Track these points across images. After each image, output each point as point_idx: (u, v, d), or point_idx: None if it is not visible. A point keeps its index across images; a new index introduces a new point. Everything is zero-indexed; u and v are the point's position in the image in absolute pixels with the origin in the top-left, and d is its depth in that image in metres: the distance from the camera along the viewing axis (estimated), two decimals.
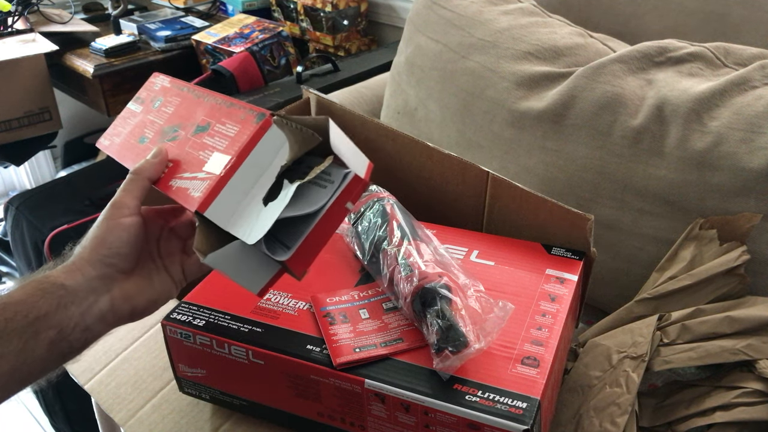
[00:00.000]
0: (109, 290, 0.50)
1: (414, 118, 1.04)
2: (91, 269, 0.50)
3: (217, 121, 0.52)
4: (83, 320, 0.48)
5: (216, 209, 0.47)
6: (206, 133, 0.52)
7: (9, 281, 2.00)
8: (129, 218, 0.51)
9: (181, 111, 0.57)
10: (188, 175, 0.50)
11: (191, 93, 0.58)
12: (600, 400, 0.63)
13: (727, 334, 0.64)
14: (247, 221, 0.46)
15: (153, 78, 0.66)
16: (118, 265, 0.51)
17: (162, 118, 0.59)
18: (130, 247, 0.51)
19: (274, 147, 0.48)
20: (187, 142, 0.53)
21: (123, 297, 0.51)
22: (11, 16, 1.67)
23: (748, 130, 0.72)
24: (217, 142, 0.50)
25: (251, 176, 0.48)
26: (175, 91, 0.60)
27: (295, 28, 1.70)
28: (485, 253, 0.68)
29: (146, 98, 0.64)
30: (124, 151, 0.60)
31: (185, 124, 0.55)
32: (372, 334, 0.58)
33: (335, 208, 0.48)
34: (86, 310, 0.49)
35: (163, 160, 0.54)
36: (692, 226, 0.73)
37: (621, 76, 0.82)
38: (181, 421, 0.68)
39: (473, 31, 0.95)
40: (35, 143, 1.66)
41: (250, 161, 0.47)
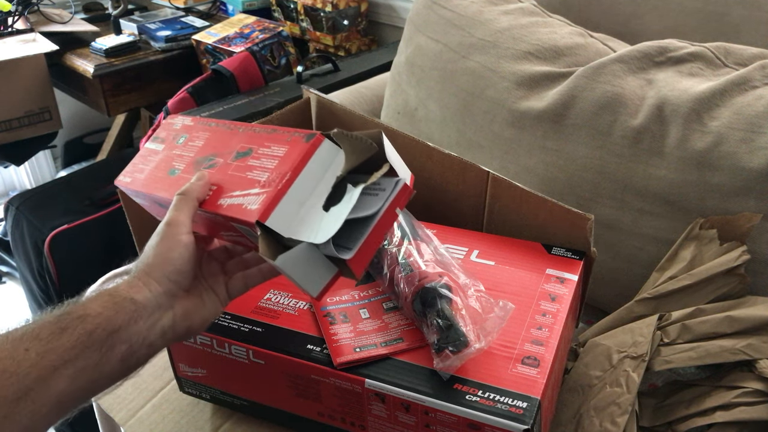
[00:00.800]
0: (172, 307, 0.51)
1: (414, 118, 1.04)
2: (157, 285, 0.50)
3: (260, 146, 0.54)
4: (149, 336, 0.49)
5: (276, 218, 0.48)
6: (249, 156, 0.54)
7: (10, 281, 2.00)
8: (186, 236, 0.51)
9: (214, 142, 0.59)
10: (239, 193, 0.52)
11: (222, 127, 0.60)
12: (600, 400, 0.63)
13: (727, 333, 0.64)
14: (310, 226, 0.49)
15: (170, 119, 0.67)
16: (181, 282, 0.51)
17: (191, 152, 0.60)
18: (190, 265, 0.52)
19: (327, 161, 0.50)
20: (229, 167, 0.55)
21: (183, 315, 0.51)
22: (11, 16, 1.67)
23: (748, 130, 0.72)
24: (265, 162, 0.52)
25: (306, 188, 0.50)
26: (202, 127, 0.62)
27: (295, 28, 1.70)
28: (485, 253, 0.68)
29: (167, 137, 0.64)
30: (153, 183, 0.60)
31: (222, 153, 0.57)
32: (372, 334, 0.58)
33: (387, 212, 0.51)
34: (152, 326, 0.49)
35: (207, 182, 0.54)
36: (692, 226, 0.73)
37: (621, 76, 0.82)
38: (182, 420, 0.69)
39: (473, 31, 0.95)
40: (35, 143, 1.66)
41: (306, 174, 0.50)
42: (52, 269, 1.30)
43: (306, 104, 0.89)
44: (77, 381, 0.44)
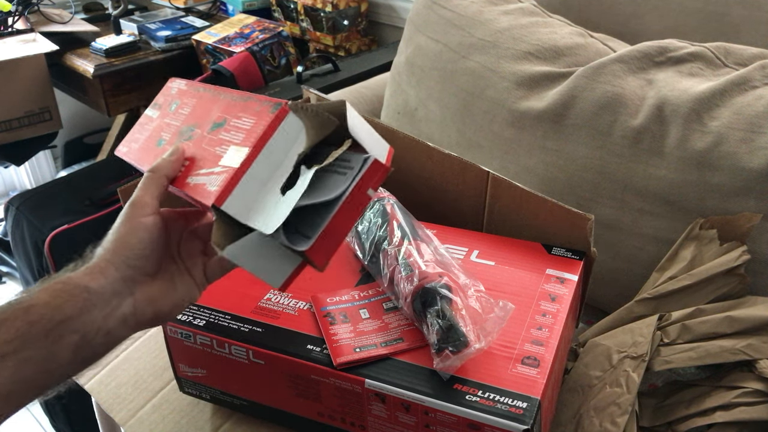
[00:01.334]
0: (132, 293, 0.49)
1: (414, 118, 1.04)
2: (114, 271, 0.48)
3: (233, 116, 0.51)
4: (106, 324, 0.47)
5: (233, 202, 0.45)
6: (222, 128, 0.51)
7: (10, 281, 2.00)
8: (149, 217, 0.49)
9: (198, 111, 0.56)
10: (205, 171, 0.49)
11: (208, 92, 0.57)
12: (600, 400, 0.63)
13: (727, 334, 0.64)
14: (265, 212, 0.45)
15: (169, 83, 0.65)
16: (141, 267, 0.49)
17: (179, 120, 0.58)
18: (152, 248, 0.49)
19: (292, 136, 0.47)
20: (204, 139, 0.52)
21: (146, 300, 0.49)
22: (11, 16, 1.67)
23: (748, 130, 0.72)
24: (234, 136, 0.49)
25: (269, 167, 0.46)
26: (192, 93, 0.59)
27: (295, 28, 1.70)
28: (485, 253, 0.68)
29: (163, 103, 0.63)
30: (142, 155, 0.59)
31: (202, 123, 0.55)
32: (372, 334, 0.58)
33: (356, 194, 0.46)
34: (109, 314, 0.47)
35: (179, 158, 0.52)
36: (692, 226, 0.73)
37: (621, 76, 0.82)
38: (182, 421, 0.69)
39: (473, 31, 0.95)
40: (35, 143, 1.66)
41: (267, 151, 0.46)
42: (52, 269, 1.30)
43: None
44: (21, 373, 0.43)
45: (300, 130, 0.47)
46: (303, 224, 0.46)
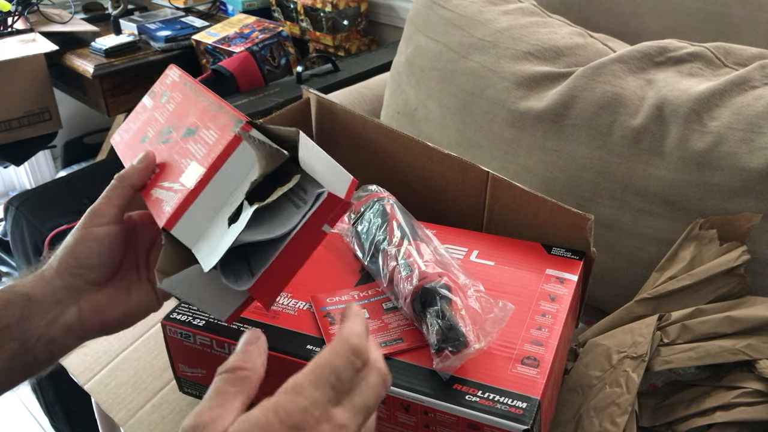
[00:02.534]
0: (77, 302, 0.47)
1: (414, 118, 1.04)
2: (58, 279, 0.47)
3: (204, 126, 0.49)
4: (48, 332, 0.46)
5: (183, 227, 0.43)
6: (192, 137, 0.49)
7: (10, 281, 2.00)
8: (103, 228, 0.48)
9: (179, 110, 0.55)
10: (167, 185, 0.47)
11: (191, 90, 0.56)
12: (600, 400, 0.63)
13: (727, 334, 0.64)
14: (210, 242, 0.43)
15: (168, 70, 0.64)
16: (87, 276, 0.48)
17: (164, 116, 0.57)
18: (102, 259, 0.48)
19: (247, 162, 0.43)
20: (176, 145, 0.51)
21: (92, 310, 0.48)
22: (11, 16, 1.67)
23: (748, 130, 0.72)
24: (198, 150, 0.47)
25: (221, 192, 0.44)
26: (180, 87, 0.58)
27: (295, 28, 1.70)
28: (485, 253, 0.68)
29: (157, 92, 0.62)
30: (127, 150, 0.58)
31: (179, 125, 0.53)
32: (372, 334, 0.58)
33: (308, 230, 0.42)
34: (51, 322, 0.46)
35: (148, 165, 0.51)
36: (692, 226, 0.73)
37: (621, 76, 0.82)
38: (181, 421, 0.68)
39: (473, 31, 0.95)
40: (35, 143, 1.66)
41: (221, 176, 0.43)
42: None
43: (306, 104, 0.89)
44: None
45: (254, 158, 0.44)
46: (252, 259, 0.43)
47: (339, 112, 0.86)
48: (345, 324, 0.38)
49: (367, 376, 0.37)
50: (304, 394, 0.34)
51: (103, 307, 0.49)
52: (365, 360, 0.37)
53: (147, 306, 0.51)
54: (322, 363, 0.35)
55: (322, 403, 0.34)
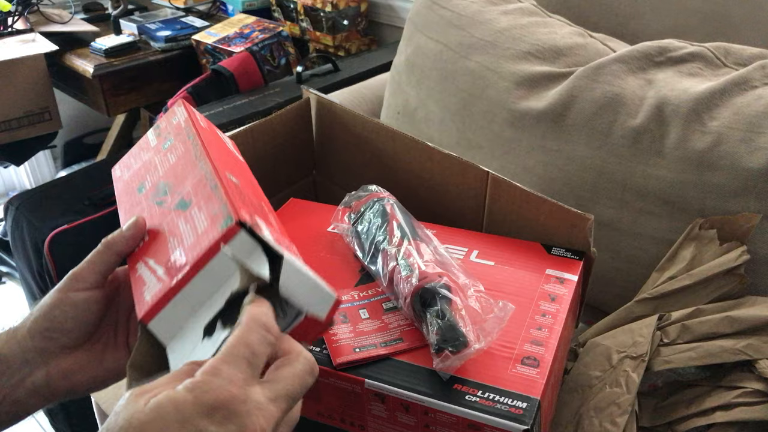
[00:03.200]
0: (47, 365, 0.46)
1: (414, 118, 1.04)
2: (29, 340, 0.46)
3: (196, 204, 0.47)
4: (13, 393, 0.45)
5: (160, 323, 0.42)
6: (184, 213, 0.48)
7: (10, 281, 2.00)
8: (82, 293, 0.47)
9: (178, 168, 0.53)
10: (152, 264, 0.46)
11: (193, 148, 0.54)
12: (600, 400, 0.63)
13: (727, 334, 0.64)
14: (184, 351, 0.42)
15: (176, 107, 0.62)
16: (60, 340, 0.46)
17: (163, 167, 0.55)
18: (77, 323, 0.47)
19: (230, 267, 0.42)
20: (168, 215, 0.49)
21: (61, 373, 0.46)
22: (11, 16, 1.67)
23: (748, 130, 0.72)
24: (186, 234, 0.45)
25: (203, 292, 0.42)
26: (183, 137, 0.56)
27: (295, 28, 1.70)
28: (485, 253, 0.68)
29: (162, 131, 0.60)
30: (123, 194, 0.57)
31: (174, 189, 0.51)
32: (372, 334, 0.58)
33: None
34: (18, 383, 0.45)
35: (137, 234, 0.49)
36: (692, 226, 0.73)
37: (621, 76, 0.82)
38: None
39: (473, 31, 0.95)
40: (35, 143, 1.66)
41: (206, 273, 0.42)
42: (52, 269, 1.30)
43: (306, 104, 0.89)
44: None
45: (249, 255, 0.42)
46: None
47: (339, 112, 0.86)
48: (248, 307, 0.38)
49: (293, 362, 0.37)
50: (221, 373, 0.34)
51: (74, 372, 0.47)
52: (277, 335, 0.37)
53: (119, 371, 0.49)
54: (235, 342, 0.35)
55: (239, 380, 0.34)
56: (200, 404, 0.32)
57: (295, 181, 0.93)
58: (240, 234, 0.42)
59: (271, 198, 0.61)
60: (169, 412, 0.32)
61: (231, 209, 0.43)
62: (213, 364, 0.34)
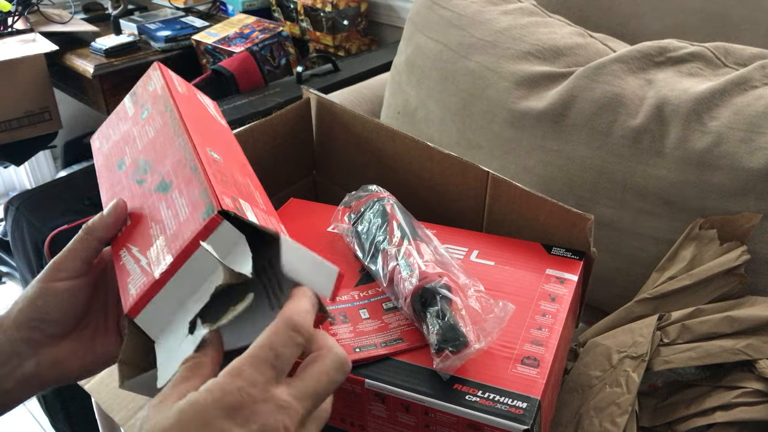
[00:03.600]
0: (36, 354, 0.46)
1: (414, 118, 1.04)
2: (15, 331, 0.45)
3: (177, 187, 0.46)
4: (3, 384, 0.45)
5: (146, 317, 0.42)
6: (165, 196, 0.46)
7: (10, 281, 2.00)
8: (65, 282, 0.46)
9: (157, 144, 0.52)
10: (135, 252, 0.45)
11: (171, 121, 0.52)
12: (600, 400, 0.63)
13: (727, 334, 0.64)
14: (171, 347, 0.41)
15: (151, 71, 0.60)
16: (46, 329, 0.46)
17: (142, 142, 0.54)
18: (62, 313, 0.46)
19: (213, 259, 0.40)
20: (149, 197, 0.48)
21: (50, 363, 0.46)
22: (11, 16, 1.67)
23: (748, 130, 0.72)
24: (168, 220, 0.44)
25: (188, 284, 0.41)
26: (160, 107, 0.54)
27: (295, 28, 1.70)
28: (485, 253, 0.68)
29: (139, 99, 0.58)
30: (103, 171, 0.55)
31: (154, 167, 0.50)
32: (372, 334, 0.58)
33: None
34: (7, 374, 0.45)
35: (118, 218, 0.48)
36: (692, 226, 0.73)
37: (621, 76, 0.82)
38: None
39: (473, 31, 0.95)
40: (35, 143, 1.66)
41: (188, 268, 0.41)
42: None
43: (306, 104, 0.89)
44: None
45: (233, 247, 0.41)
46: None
47: (339, 112, 0.86)
48: (288, 303, 0.37)
49: (323, 358, 0.36)
50: (243, 375, 0.34)
51: (63, 360, 0.47)
52: (308, 335, 0.36)
53: (110, 357, 0.49)
54: (261, 343, 0.35)
55: (261, 383, 0.34)
56: (221, 406, 0.33)
57: (295, 181, 0.93)
58: (223, 225, 0.40)
59: (271, 198, 0.61)
60: (191, 417, 0.32)
61: (212, 195, 0.42)
62: (236, 365, 0.34)
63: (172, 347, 0.41)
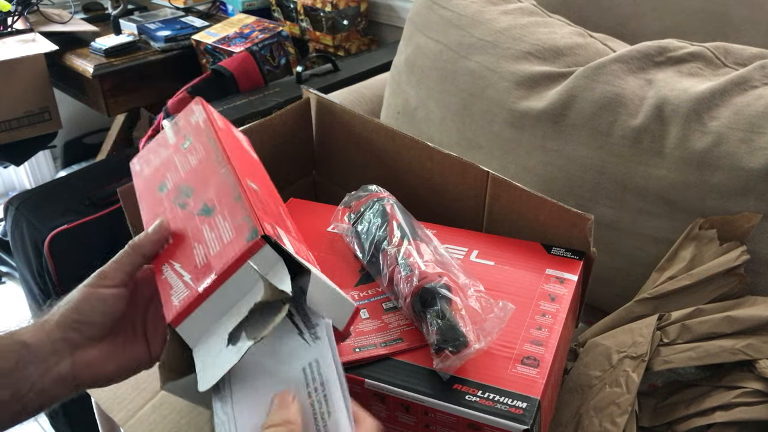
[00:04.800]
0: (72, 355, 0.49)
1: (414, 118, 1.04)
2: (57, 331, 0.48)
3: (220, 212, 0.50)
4: (41, 381, 0.47)
5: (187, 326, 0.46)
6: (208, 220, 0.51)
7: (10, 281, 2.00)
8: (109, 290, 0.50)
9: (200, 171, 0.56)
10: (178, 268, 0.49)
11: (214, 152, 0.56)
12: (600, 400, 0.63)
13: (727, 333, 0.64)
14: (209, 356, 0.45)
15: (194, 105, 0.64)
16: (87, 331, 0.49)
17: (184, 168, 0.57)
18: (104, 317, 0.50)
19: (253, 278, 0.45)
20: (191, 219, 0.52)
21: (86, 363, 0.49)
22: (11, 16, 1.66)
23: (748, 130, 0.72)
24: (212, 242, 0.48)
25: (227, 301, 0.45)
26: (203, 139, 0.58)
27: (295, 28, 1.70)
28: (485, 253, 0.68)
29: (182, 128, 0.62)
30: (144, 191, 0.59)
31: (197, 193, 0.54)
32: (372, 334, 0.58)
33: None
34: (45, 372, 0.47)
35: (162, 237, 0.52)
36: (692, 226, 0.73)
37: (621, 76, 0.82)
38: (181, 421, 0.69)
39: (473, 31, 0.95)
40: (35, 143, 1.66)
41: (231, 283, 0.45)
42: (51, 269, 1.30)
43: (306, 104, 0.89)
44: None
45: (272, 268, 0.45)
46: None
47: (339, 112, 0.86)
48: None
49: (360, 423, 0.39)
50: None
51: (97, 362, 0.50)
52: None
53: (139, 362, 0.52)
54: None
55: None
56: None
57: (295, 181, 0.93)
58: (264, 248, 0.44)
59: None
60: None
61: (255, 222, 0.46)
62: None
63: (210, 356, 0.44)
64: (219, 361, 0.44)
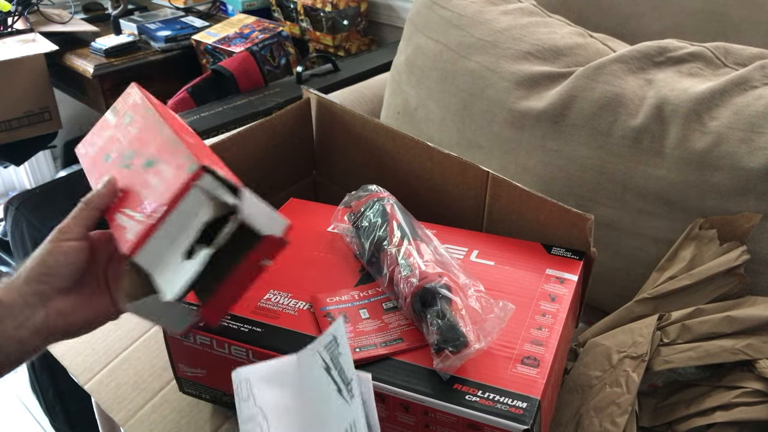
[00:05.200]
0: (44, 306, 0.53)
1: (414, 118, 1.04)
2: (26, 286, 0.52)
3: (162, 159, 0.54)
4: (17, 333, 0.51)
5: (144, 255, 0.49)
6: (152, 169, 0.54)
7: None
8: (69, 243, 0.54)
9: (141, 136, 0.60)
10: (129, 212, 0.53)
11: (153, 118, 0.60)
12: (600, 400, 0.63)
13: (727, 333, 0.64)
14: (168, 271, 0.50)
15: (129, 89, 0.69)
16: (54, 283, 0.53)
17: (126, 138, 0.61)
18: (69, 269, 0.54)
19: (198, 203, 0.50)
20: (137, 173, 0.56)
21: (57, 313, 0.53)
22: (11, 16, 1.66)
23: (748, 130, 0.72)
24: (156, 184, 0.52)
25: (177, 227, 0.50)
26: (142, 112, 0.62)
27: (295, 28, 1.70)
28: (485, 253, 0.68)
29: (120, 110, 0.66)
30: (92, 166, 0.63)
31: (140, 153, 0.58)
32: (372, 334, 0.58)
33: (248, 265, 0.52)
34: (21, 324, 0.51)
35: (111, 190, 0.56)
36: (692, 226, 0.73)
37: (621, 76, 0.82)
38: (181, 421, 0.69)
39: (473, 31, 0.95)
40: (35, 143, 1.66)
41: (177, 213, 0.50)
42: None
43: (306, 104, 0.89)
44: None
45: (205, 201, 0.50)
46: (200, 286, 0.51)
47: (339, 112, 0.86)
48: None
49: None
50: None
51: (68, 312, 0.54)
52: None
53: (105, 313, 0.57)
54: None
55: None
56: None
57: (295, 181, 0.93)
58: (206, 175, 0.49)
59: (272, 198, 0.61)
60: None
61: (194, 158, 0.51)
62: None
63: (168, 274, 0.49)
64: (180, 273, 0.49)
